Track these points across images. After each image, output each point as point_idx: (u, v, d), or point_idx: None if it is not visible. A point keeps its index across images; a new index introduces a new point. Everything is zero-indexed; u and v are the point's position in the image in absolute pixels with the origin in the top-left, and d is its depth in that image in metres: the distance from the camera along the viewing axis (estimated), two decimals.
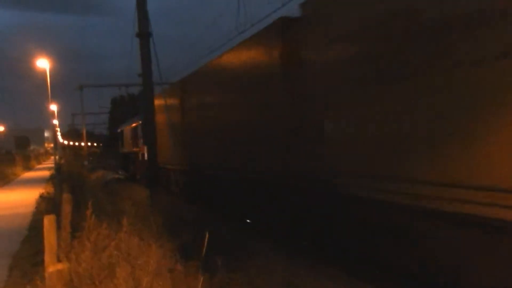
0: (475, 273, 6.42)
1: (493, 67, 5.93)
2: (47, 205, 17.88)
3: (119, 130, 45.90)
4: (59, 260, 5.36)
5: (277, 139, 11.19)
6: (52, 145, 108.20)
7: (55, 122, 68.51)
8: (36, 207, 18.81)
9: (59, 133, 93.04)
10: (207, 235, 6.08)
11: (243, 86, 13.20)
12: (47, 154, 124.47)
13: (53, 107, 59.71)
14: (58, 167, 27.74)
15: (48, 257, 5.60)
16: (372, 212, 8.23)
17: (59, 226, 6.52)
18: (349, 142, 8.88)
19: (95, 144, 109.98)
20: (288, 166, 10.67)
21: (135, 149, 33.53)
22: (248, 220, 14.02)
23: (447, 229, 6.77)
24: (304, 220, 10.37)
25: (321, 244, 9.75)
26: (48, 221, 5.76)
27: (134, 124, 35.05)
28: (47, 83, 40.69)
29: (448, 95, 6.59)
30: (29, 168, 58.74)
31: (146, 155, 17.15)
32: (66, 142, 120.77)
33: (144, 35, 15.98)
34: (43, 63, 40.48)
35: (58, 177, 19.76)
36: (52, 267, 4.62)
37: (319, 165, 9.62)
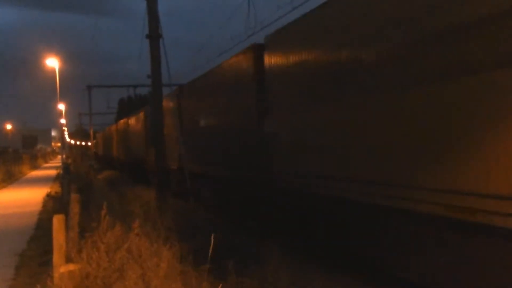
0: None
1: None
2: (53, 204, 17.91)
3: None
4: (68, 261, 5.33)
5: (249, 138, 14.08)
6: (59, 144, 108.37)
7: (63, 121, 68.67)
8: (43, 206, 18.84)
9: (66, 133, 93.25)
10: (212, 239, 6.02)
11: (226, 95, 16.26)
12: (54, 153, 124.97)
13: (61, 107, 59.89)
14: (65, 167, 27.77)
15: (57, 257, 5.57)
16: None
17: (66, 226, 6.49)
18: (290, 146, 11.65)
19: None
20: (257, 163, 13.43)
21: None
22: (251, 224, 14.07)
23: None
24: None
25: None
26: (58, 221, 5.72)
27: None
28: (56, 83, 40.80)
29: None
30: (36, 167, 58.99)
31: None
32: (73, 142, 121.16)
33: (154, 37, 15.92)
34: (52, 62, 40.54)
35: (66, 177, 19.78)
36: (63, 268, 4.59)
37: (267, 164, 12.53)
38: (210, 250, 5.90)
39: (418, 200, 7.10)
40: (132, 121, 36.47)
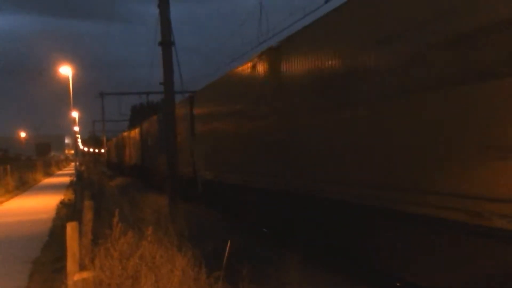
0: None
1: None
2: (67, 211, 17.97)
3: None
4: (82, 268, 5.33)
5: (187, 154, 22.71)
6: (72, 151, 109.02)
7: (76, 129, 69.12)
8: (57, 213, 18.91)
9: (79, 140, 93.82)
10: (228, 245, 6.01)
11: (181, 122, 24.00)
12: (67, 160, 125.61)
13: (74, 114, 60.31)
14: (78, 174, 27.92)
15: (70, 264, 5.58)
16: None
17: (80, 233, 6.50)
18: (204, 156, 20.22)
19: None
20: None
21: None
22: (264, 229, 14.40)
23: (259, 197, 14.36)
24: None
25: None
26: (71, 229, 5.73)
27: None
28: (69, 90, 40.94)
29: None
30: (49, 174, 59.27)
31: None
32: (86, 149, 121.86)
33: (166, 44, 15.97)
34: (65, 70, 40.55)
35: (79, 184, 19.86)
36: (77, 275, 4.58)
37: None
38: (225, 257, 5.88)
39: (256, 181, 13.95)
40: (133, 132, 44.81)
